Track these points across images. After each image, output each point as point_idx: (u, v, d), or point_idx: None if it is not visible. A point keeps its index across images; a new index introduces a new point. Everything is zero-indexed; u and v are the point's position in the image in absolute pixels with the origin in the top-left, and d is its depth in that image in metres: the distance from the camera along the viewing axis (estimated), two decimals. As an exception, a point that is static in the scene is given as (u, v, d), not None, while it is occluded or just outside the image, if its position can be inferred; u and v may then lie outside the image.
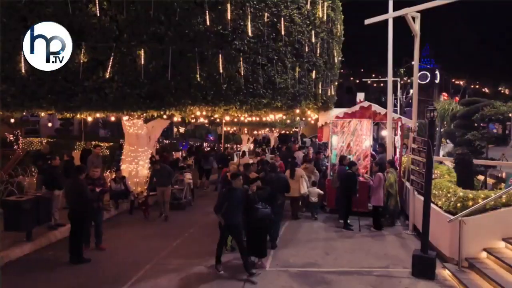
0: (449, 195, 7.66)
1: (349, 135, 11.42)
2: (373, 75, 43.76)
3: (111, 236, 8.32)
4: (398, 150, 11.70)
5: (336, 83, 12.67)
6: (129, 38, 7.00)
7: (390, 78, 11.38)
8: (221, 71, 7.58)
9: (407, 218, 9.73)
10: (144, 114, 8.43)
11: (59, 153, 15.12)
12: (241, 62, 7.81)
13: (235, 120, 17.42)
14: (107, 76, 6.91)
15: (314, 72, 9.76)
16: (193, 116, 9.15)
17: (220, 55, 7.57)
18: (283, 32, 8.55)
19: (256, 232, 6.59)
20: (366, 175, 10.38)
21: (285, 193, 8.49)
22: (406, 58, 30.01)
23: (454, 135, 13.47)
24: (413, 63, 9.27)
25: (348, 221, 9.51)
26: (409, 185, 9.70)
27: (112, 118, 9.56)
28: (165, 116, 8.73)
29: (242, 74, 7.85)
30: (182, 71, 7.41)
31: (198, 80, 7.46)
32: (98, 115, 8.97)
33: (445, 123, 15.10)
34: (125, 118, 9.19)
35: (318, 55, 9.95)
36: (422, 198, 7.76)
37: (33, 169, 11.95)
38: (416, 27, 9.58)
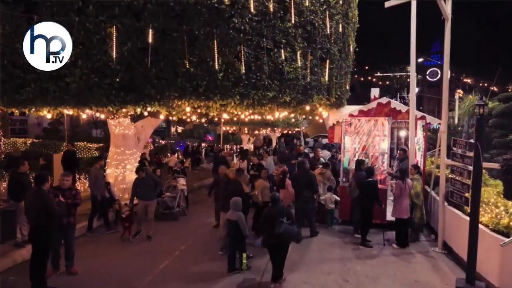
0: (497, 210, 6.52)
1: (364, 136, 10.30)
2: (378, 73, 42.54)
3: (88, 255, 7.41)
4: (420, 153, 10.61)
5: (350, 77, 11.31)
6: (96, 12, 5.78)
7: (413, 70, 10.26)
8: (216, 56, 6.42)
9: (433, 231, 8.95)
10: (124, 110, 7.01)
11: (45, 155, 14.04)
12: (242, 46, 6.67)
13: (235, 119, 16.16)
14: (68, 61, 5.66)
15: (328, 61, 8.33)
16: (183, 113, 7.71)
17: (215, 35, 6.38)
18: (292, 10, 7.31)
19: (275, 249, 5.97)
20: (392, 181, 9.32)
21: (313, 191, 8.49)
22: (417, 52, 28.59)
23: (487, 136, 12.07)
24: (419, 60, 8.27)
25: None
26: (434, 194, 8.99)
27: (84, 116, 8.08)
28: (146, 113, 7.32)
29: (243, 60, 6.71)
30: (166, 55, 6.25)
31: (187, 67, 6.29)
32: (72, 112, 7.50)
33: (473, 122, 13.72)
34: (97, 114, 7.76)
35: (332, 41, 8.51)
36: (456, 211, 7.23)
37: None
38: (447, 9, 8.41)
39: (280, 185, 8.92)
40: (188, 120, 15.68)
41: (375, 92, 13.77)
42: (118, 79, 6.02)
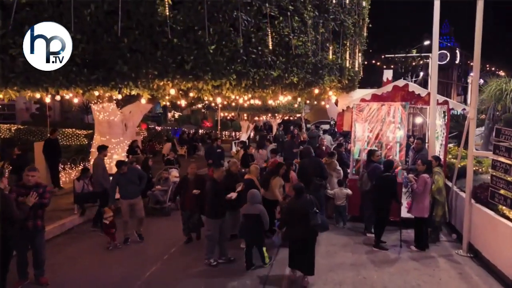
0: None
1: (377, 123, 9.38)
2: (383, 57, 41.24)
3: (64, 260, 6.84)
4: (439, 143, 9.83)
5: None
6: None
7: (435, 51, 9.00)
8: (206, 24, 5.29)
9: (453, 230, 8.43)
10: (96, 94, 5.87)
11: (21, 144, 13.16)
12: (239, 11, 5.50)
13: (233, 104, 15.07)
14: (11, 27, 4.78)
15: (341, 35, 7.14)
16: (169, 96, 6.57)
17: (204, -3, 5.29)
18: (302, -30, 6.02)
19: (305, 243, 5.92)
20: (411, 175, 8.49)
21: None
22: (427, 34, 27.39)
23: (512, 122, 11.02)
24: (426, 42, 7.37)
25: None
26: (457, 189, 8.44)
27: (48, 99, 6.90)
28: (120, 96, 6.18)
29: (241, 30, 5.57)
30: (141, 22, 5.13)
31: (169, 37, 5.15)
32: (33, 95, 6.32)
33: (500, 107, 12.56)
34: (58, 98, 6.68)
35: (346, 12, 7.32)
36: (486, 209, 6.76)
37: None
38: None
39: (284, 178, 8.18)
40: (183, 105, 14.54)
41: (388, 74, 12.62)
42: (79, 53, 4.98)
